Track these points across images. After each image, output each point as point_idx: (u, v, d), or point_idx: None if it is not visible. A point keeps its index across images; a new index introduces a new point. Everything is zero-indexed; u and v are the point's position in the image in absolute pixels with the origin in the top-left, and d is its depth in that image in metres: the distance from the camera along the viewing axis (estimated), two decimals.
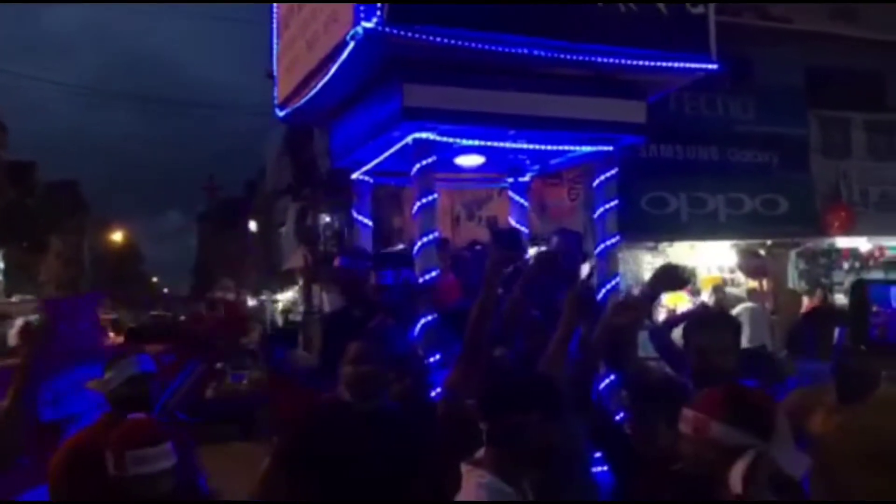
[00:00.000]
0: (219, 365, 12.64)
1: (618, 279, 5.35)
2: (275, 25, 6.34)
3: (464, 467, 2.30)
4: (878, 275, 12.28)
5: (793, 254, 12.83)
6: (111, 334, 20.00)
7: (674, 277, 3.41)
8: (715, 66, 5.03)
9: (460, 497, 2.25)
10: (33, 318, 4.80)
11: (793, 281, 12.78)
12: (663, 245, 11.83)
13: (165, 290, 79.40)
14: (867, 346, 2.87)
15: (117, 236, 54.26)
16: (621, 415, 3.72)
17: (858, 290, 3.02)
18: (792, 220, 12.39)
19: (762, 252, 12.73)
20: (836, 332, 3.34)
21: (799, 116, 12.86)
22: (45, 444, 3.25)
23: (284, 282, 25.87)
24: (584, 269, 4.98)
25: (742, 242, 12.46)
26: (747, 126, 12.63)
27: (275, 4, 6.35)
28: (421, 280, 4.74)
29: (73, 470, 2.83)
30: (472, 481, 2.24)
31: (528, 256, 5.70)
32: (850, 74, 13.03)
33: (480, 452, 2.35)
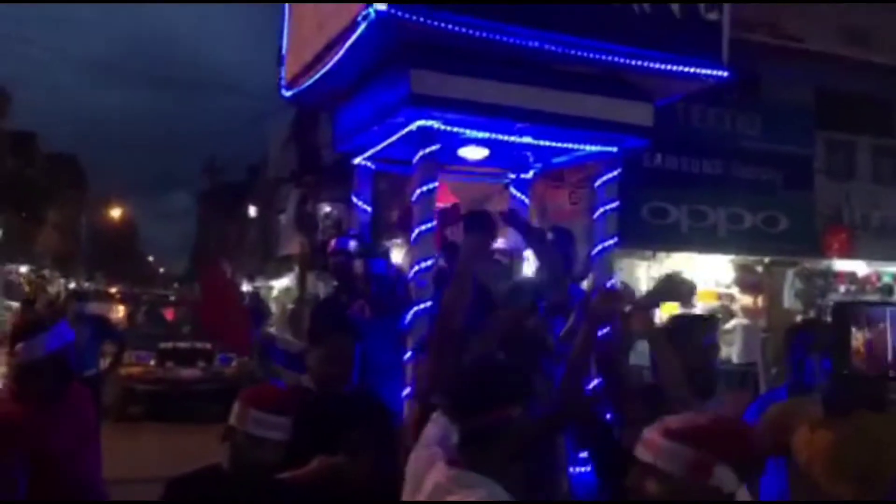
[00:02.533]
0: (209, 345, 12.68)
1: (614, 280, 5.31)
2: (287, 5, 6.30)
3: (443, 471, 2.20)
4: (875, 298, 12.28)
5: (790, 273, 12.83)
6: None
7: (677, 289, 3.37)
8: (726, 74, 4.99)
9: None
10: None
11: (788, 300, 12.78)
12: (661, 255, 11.82)
13: (161, 270, 79.42)
14: (849, 371, 2.84)
15: (115, 213, 54.20)
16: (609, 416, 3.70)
17: (840, 314, 3.00)
18: (791, 239, 12.39)
19: (759, 269, 12.73)
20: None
21: (805, 136, 12.86)
22: None
23: (280, 268, 25.83)
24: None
25: (740, 258, 12.46)
26: (753, 142, 12.62)
27: None
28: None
29: None
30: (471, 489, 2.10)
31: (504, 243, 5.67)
32: (859, 98, 13.04)
33: (439, 454, 2.29)
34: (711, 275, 12.43)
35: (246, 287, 30.58)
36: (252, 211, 35.23)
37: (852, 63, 12.53)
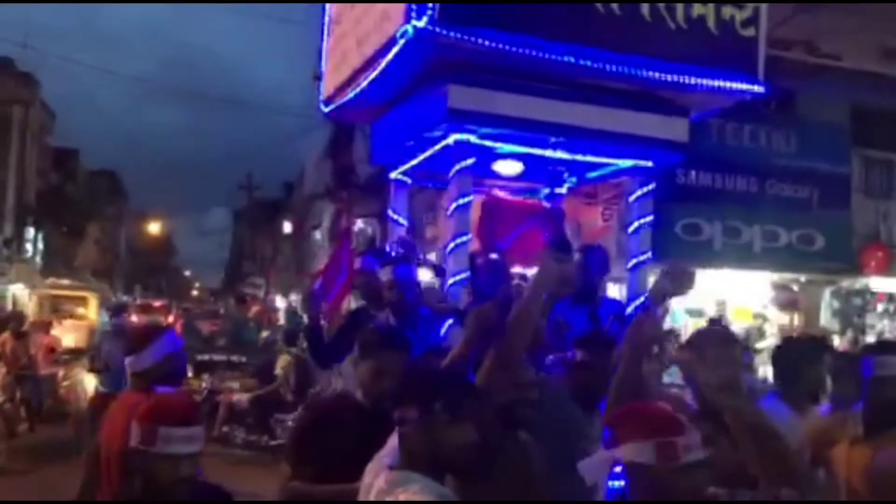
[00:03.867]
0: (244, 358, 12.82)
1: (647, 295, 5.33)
2: (326, 22, 6.46)
3: (384, 476, 2.22)
4: None
5: (827, 292, 12.66)
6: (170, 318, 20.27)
7: (678, 281, 3.32)
8: (762, 90, 5.03)
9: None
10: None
11: (825, 319, 12.61)
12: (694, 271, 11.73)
13: (197, 284, 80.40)
14: None
15: (154, 228, 55.03)
16: None
17: None
18: (828, 257, 12.23)
19: (796, 288, 12.59)
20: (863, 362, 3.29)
21: (842, 154, 12.73)
22: None
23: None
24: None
25: (776, 275, 12.33)
26: (788, 160, 12.52)
27: (327, 2, 6.46)
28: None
29: None
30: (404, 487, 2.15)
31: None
32: None
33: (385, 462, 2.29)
34: (746, 293, 12.32)
35: (281, 303, 30.84)
36: (287, 227, 35.57)
37: (889, 80, 12.42)
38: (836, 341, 11.68)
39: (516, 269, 5.61)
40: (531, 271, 5.81)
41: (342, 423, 3.03)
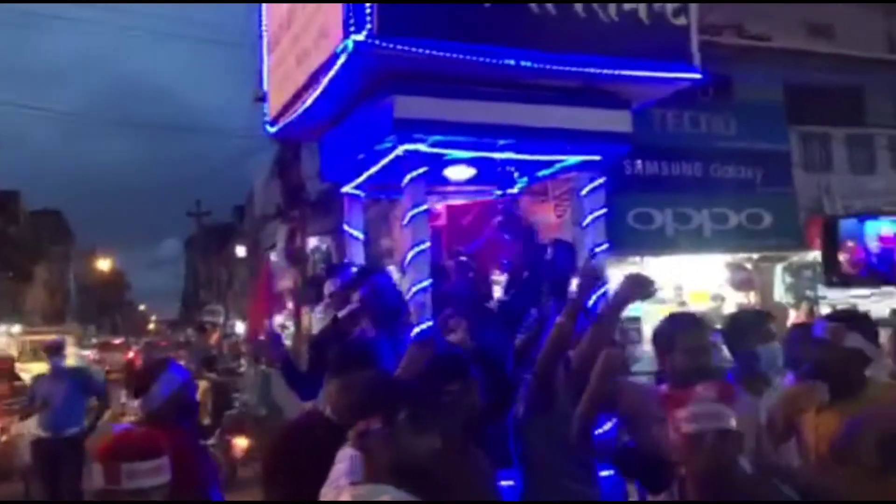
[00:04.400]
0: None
1: (606, 287, 5.41)
2: (264, 44, 6.43)
3: (348, 493, 2.23)
4: (863, 290, 12.45)
5: (779, 268, 12.99)
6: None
7: (640, 287, 3.45)
8: (699, 76, 5.14)
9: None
10: None
11: (779, 294, 12.92)
12: (648, 259, 11.96)
13: (153, 318, 79.10)
14: (839, 279, 3.01)
15: (104, 264, 54.00)
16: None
17: (831, 228, 3.17)
18: (776, 234, 12.57)
19: (749, 266, 12.87)
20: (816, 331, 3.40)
21: (780, 132, 13.10)
22: None
23: (275, 305, 25.78)
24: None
25: (728, 256, 12.60)
26: (729, 142, 12.85)
27: (263, 23, 6.43)
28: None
29: None
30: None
31: None
32: (829, 90, 13.29)
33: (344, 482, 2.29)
34: (702, 276, 12.57)
35: (241, 328, 30.48)
36: (241, 251, 35.21)
37: (818, 57, 12.81)
38: (793, 314, 11.98)
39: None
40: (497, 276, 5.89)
41: (313, 442, 3.03)
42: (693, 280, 12.36)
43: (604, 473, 3.65)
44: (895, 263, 11.13)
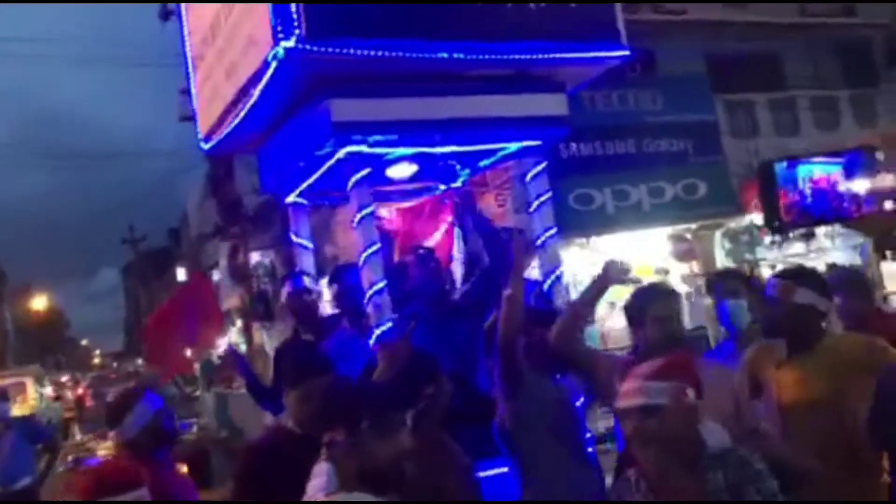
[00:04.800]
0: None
1: (560, 270, 5.46)
2: (189, 61, 6.29)
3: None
4: (799, 247, 12.85)
5: (717, 234, 13.31)
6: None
7: (618, 272, 3.53)
8: (628, 52, 5.22)
9: None
10: None
11: (720, 261, 13.24)
12: (594, 239, 12.13)
13: (97, 351, 77.11)
14: (779, 225, 3.10)
15: (39, 302, 52.39)
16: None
17: (766, 173, 3.26)
18: (712, 202, 12.89)
19: (689, 236, 13.16)
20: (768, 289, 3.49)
21: (705, 103, 13.43)
22: None
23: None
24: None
25: (669, 229, 12.87)
26: (658, 117, 13.12)
27: (186, 41, 6.30)
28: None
29: None
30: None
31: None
32: (748, 58, 13.66)
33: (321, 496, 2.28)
34: (646, 250, 12.79)
35: (190, 351, 29.86)
36: (181, 274, 34.58)
37: (735, 26, 13.16)
38: None
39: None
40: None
41: (281, 458, 3.00)
42: (637, 255, 12.56)
43: None
44: (830, 204, 11.55)
